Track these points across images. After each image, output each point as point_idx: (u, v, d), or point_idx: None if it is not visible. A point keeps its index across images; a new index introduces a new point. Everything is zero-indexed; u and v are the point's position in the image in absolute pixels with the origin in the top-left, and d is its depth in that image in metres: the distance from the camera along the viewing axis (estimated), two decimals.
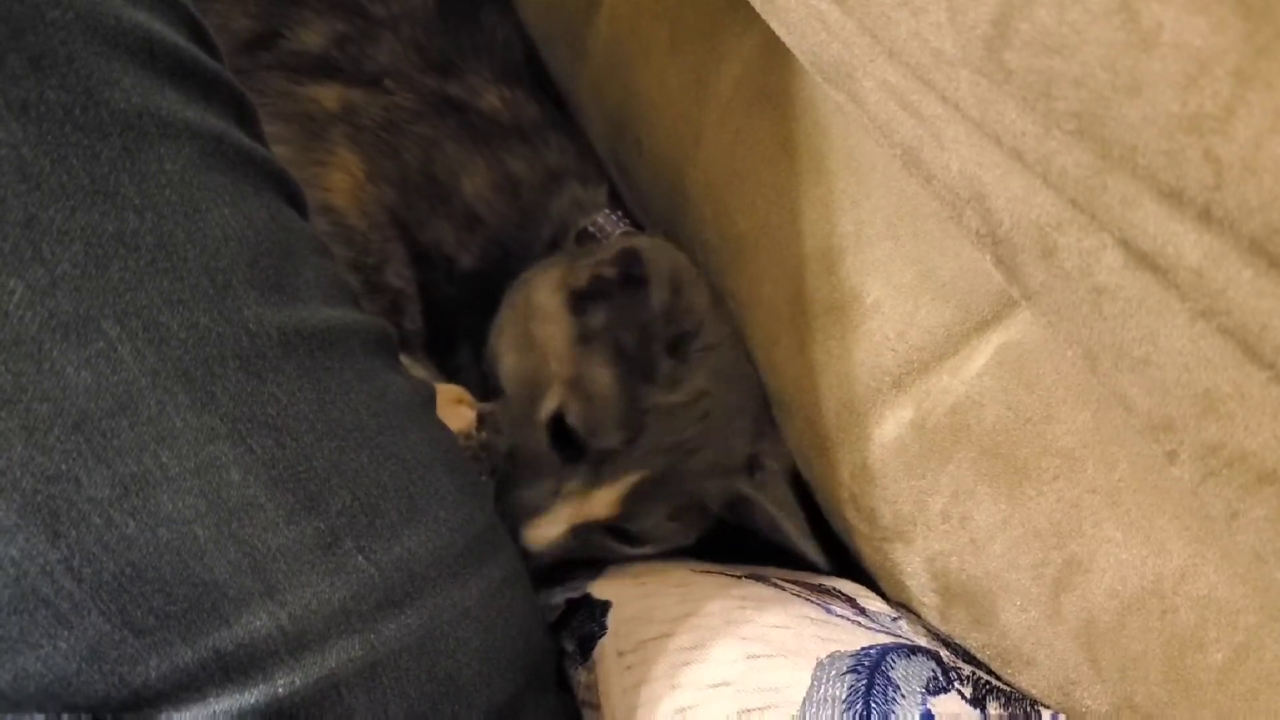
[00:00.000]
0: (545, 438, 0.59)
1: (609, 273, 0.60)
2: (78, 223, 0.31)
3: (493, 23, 0.74)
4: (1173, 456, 0.33)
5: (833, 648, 0.43)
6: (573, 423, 0.58)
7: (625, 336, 0.59)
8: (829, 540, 0.59)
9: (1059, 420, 0.44)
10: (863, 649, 0.43)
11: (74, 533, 0.31)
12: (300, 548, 0.35)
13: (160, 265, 0.33)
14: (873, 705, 0.40)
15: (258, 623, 0.33)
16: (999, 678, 0.48)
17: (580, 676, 0.47)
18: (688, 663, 0.44)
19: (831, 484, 0.56)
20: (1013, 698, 0.44)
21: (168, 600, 0.32)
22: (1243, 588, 0.39)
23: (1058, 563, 0.44)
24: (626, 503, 0.58)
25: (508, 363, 0.62)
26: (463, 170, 0.66)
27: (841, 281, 0.52)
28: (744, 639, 0.45)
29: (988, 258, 0.37)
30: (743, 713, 0.40)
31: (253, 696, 0.33)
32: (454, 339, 0.67)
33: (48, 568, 0.31)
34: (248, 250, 0.35)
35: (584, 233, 0.67)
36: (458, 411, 0.57)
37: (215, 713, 0.33)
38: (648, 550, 0.60)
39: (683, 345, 0.59)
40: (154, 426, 0.32)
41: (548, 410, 0.58)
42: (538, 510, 0.57)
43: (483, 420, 0.58)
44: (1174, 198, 0.28)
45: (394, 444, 0.39)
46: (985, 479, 0.47)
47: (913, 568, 0.52)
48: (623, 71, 0.68)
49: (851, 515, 0.55)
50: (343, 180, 0.64)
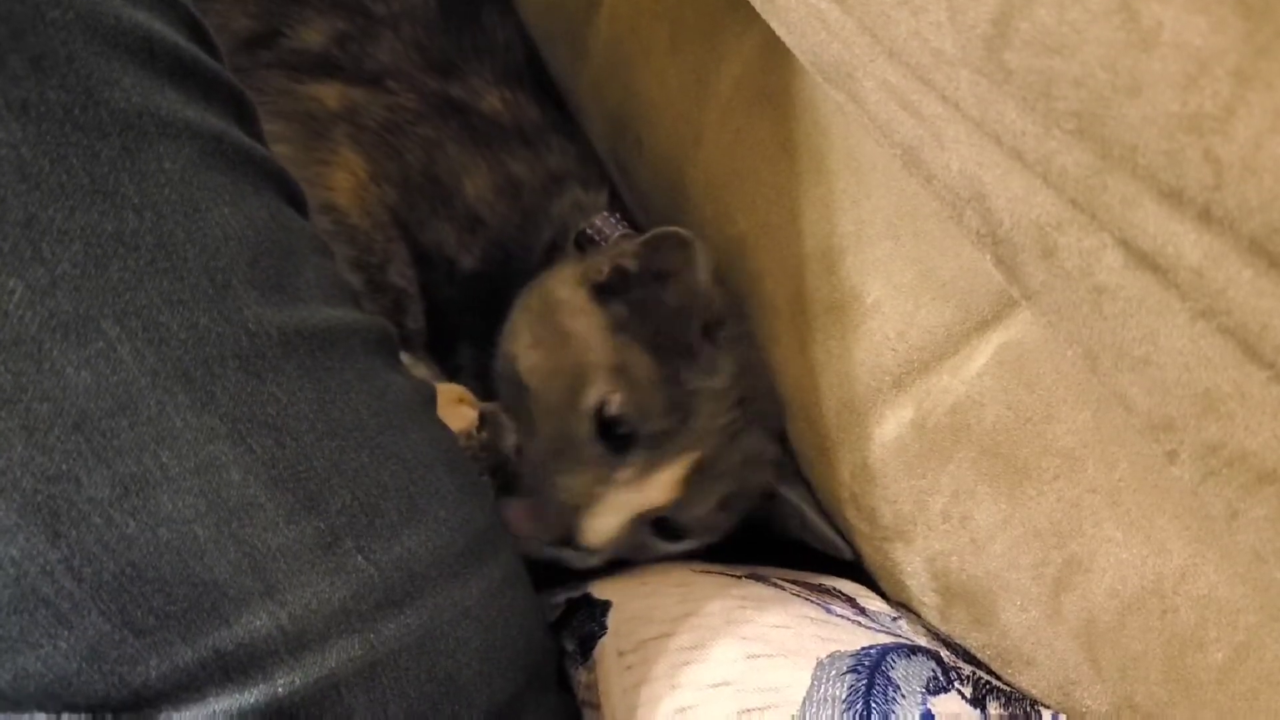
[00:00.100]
0: (589, 428, 0.57)
1: (631, 265, 0.60)
2: (77, 222, 0.31)
3: (494, 23, 0.74)
4: (1173, 456, 0.33)
5: (833, 647, 0.43)
6: (621, 410, 0.56)
7: (659, 323, 0.58)
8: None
9: (1059, 420, 0.44)
10: (863, 649, 0.43)
11: (74, 532, 0.31)
12: (300, 547, 0.35)
13: (160, 265, 0.33)
14: (873, 705, 0.40)
15: (258, 622, 0.33)
16: (999, 678, 0.48)
17: (580, 676, 0.47)
18: (688, 662, 0.44)
19: (832, 483, 0.56)
20: (1013, 698, 0.44)
21: (168, 600, 0.32)
22: (1243, 587, 0.39)
23: (1058, 562, 0.44)
24: (686, 485, 0.57)
25: (530, 360, 0.61)
26: (464, 172, 0.66)
27: (842, 281, 0.52)
28: (744, 639, 0.45)
29: (988, 257, 0.37)
30: (743, 712, 0.40)
31: (253, 696, 0.33)
32: (454, 339, 0.67)
33: (48, 567, 0.31)
34: (248, 250, 0.35)
35: (582, 235, 0.67)
36: (458, 411, 0.57)
37: (215, 712, 0.33)
38: (687, 546, 0.59)
39: (714, 331, 0.59)
40: (154, 426, 0.32)
41: (593, 400, 0.57)
42: (591, 502, 0.56)
43: (483, 420, 0.58)
44: (1174, 198, 0.28)
45: (394, 444, 0.39)
46: (985, 479, 0.47)
47: (913, 567, 0.52)
48: (623, 71, 0.68)
49: (852, 515, 0.55)
50: (346, 180, 0.64)
